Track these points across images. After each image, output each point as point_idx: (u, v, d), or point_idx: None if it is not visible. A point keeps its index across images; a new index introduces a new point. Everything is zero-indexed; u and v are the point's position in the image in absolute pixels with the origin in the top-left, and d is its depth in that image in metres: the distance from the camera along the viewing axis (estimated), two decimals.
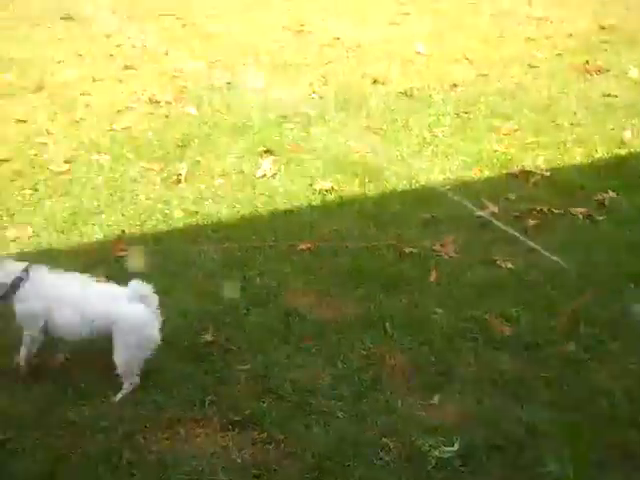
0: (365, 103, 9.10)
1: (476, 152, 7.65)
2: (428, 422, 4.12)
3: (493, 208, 6.42)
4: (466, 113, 8.76)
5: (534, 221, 6.23)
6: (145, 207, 6.52)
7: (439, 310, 5.05)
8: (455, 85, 9.72)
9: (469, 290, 5.29)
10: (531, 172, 7.17)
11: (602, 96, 9.23)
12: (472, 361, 4.58)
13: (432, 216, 6.32)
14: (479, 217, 6.32)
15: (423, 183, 7.01)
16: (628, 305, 4.99)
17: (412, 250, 5.78)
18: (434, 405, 4.26)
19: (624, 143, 7.74)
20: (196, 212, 6.45)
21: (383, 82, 9.93)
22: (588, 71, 10.18)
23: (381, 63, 10.81)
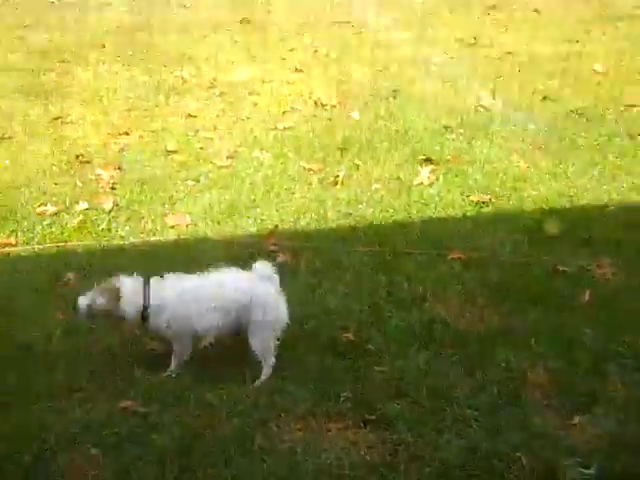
0: (532, 119, 8.91)
1: None
2: (566, 442, 3.95)
3: None
4: None
5: None
6: (300, 205, 6.63)
7: (589, 331, 4.84)
8: (631, 106, 9.36)
9: (624, 314, 5.04)
10: None
11: None
12: (619, 386, 4.36)
13: (590, 236, 6.09)
14: None
15: (585, 202, 6.77)
16: None
17: (565, 269, 5.58)
18: (574, 425, 4.08)
19: None
20: (350, 214, 6.50)
21: (554, 99, 9.69)
22: None
23: (554, 80, 10.57)
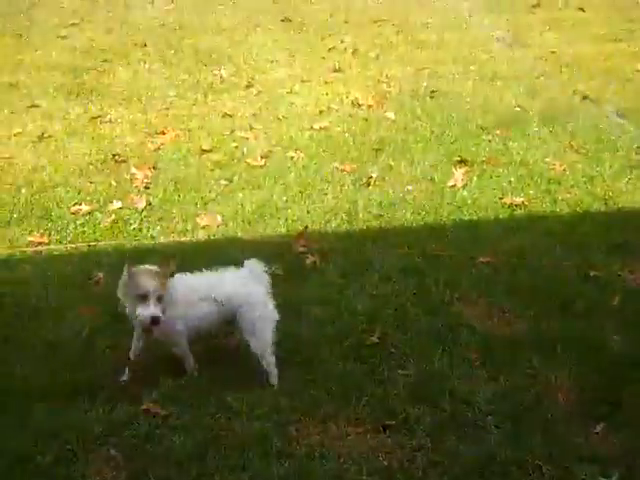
0: (571, 120, 8.80)
1: None
2: (587, 450, 3.92)
3: None
4: None
5: None
6: (331, 206, 6.64)
7: (616, 337, 4.79)
8: None
9: None
10: None
11: None
12: None
13: (625, 241, 6.01)
14: None
15: (621, 206, 6.68)
16: None
17: (597, 274, 5.52)
18: (596, 434, 4.05)
19: None
20: (381, 215, 6.49)
21: (594, 99, 9.56)
22: None
23: (596, 80, 10.42)
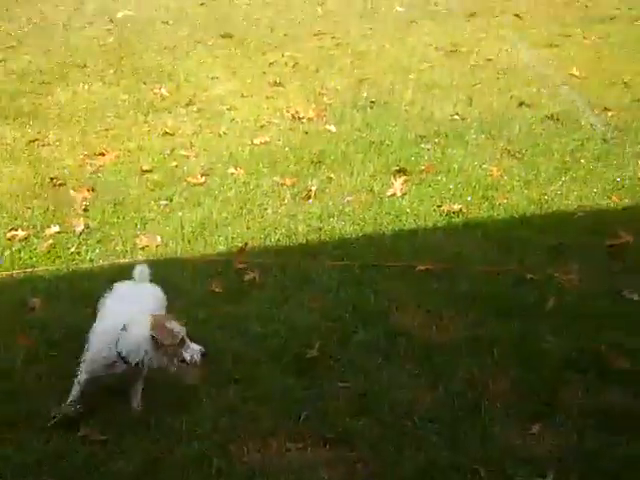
0: (508, 126, 8.93)
1: (618, 179, 7.34)
2: (524, 451, 3.98)
3: (627, 237, 6.13)
4: (614, 138, 8.43)
5: None
6: (271, 221, 6.65)
7: (552, 339, 4.87)
8: (607, 110, 9.38)
9: (588, 321, 5.06)
10: None
11: None
12: (580, 393, 4.38)
13: (559, 243, 6.12)
14: (610, 246, 6.05)
15: (555, 209, 6.80)
16: None
17: (532, 277, 5.61)
18: (533, 435, 4.11)
19: None
20: (320, 228, 6.52)
21: (530, 105, 9.71)
22: None
23: (532, 86, 10.58)
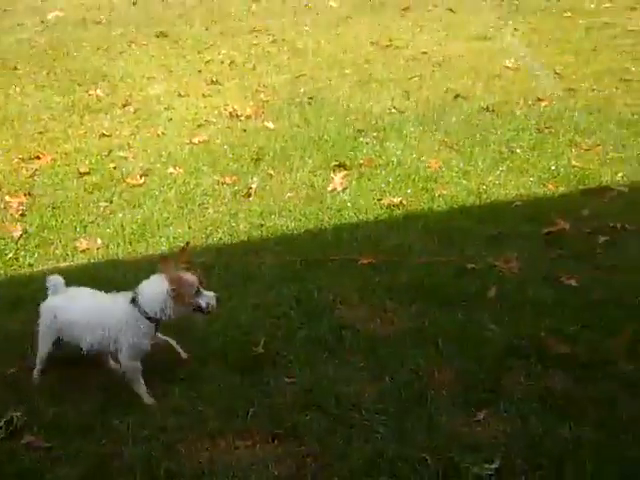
0: (445, 118, 9.03)
1: (553, 168, 7.47)
2: (470, 439, 4.02)
3: (564, 225, 6.24)
4: (548, 128, 8.57)
5: (605, 237, 6.03)
6: (213, 220, 6.63)
7: (494, 327, 4.93)
8: (540, 100, 9.54)
9: (528, 307, 5.14)
10: (608, 188, 6.97)
11: None
12: (522, 379, 4.45)
13: (498, 232, 6.21)
14: (548, 234, 6.15)
15: (494, 199, 6.89)
16: None
17: (473, 266, 5.68)
18: (479, 422, 4.16)
19: None
20: (262, 225, 6.51)
21: (466, 97, 9.83)
22: None
23: (466, 78, 10.71)
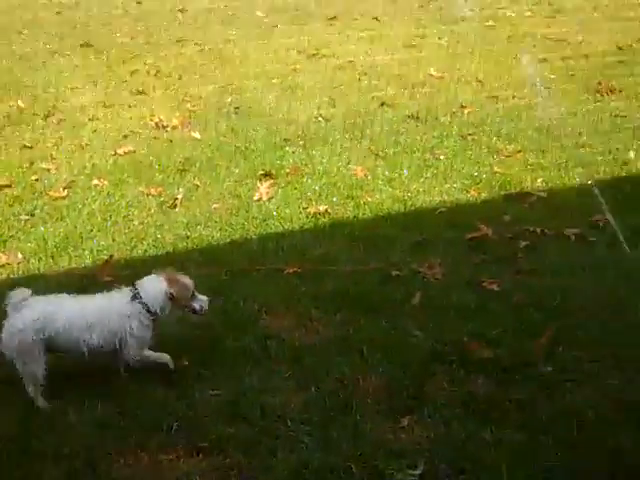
0: (370, 126, 9.10)
1: (476, 174, 7.60)
2: (395, 445, 4.05)
3: (487, 230, 6.35)
4: (470, 135, 8.72)
5: (525, 242, 6.15)
6: (137, 231, 6.56)
7: (418, 333, 4.98)
8: (463, 107, 9.71)
9: (452, 313, 5.21)
10: (529, 193, 7.11)
11: (610, 116, 9.14)
12: (446, 385, 4.50)
13: (423, 239, 6.28)
14: (471, 239, 6.25)
15: (418, 206, 6.96)
16: None
17: (398, 273, 5.73)
18: (403, 428, 4.19)
19: (626, 164, 7.64)
20: (187, 236, 6.47)
21: (391, 105, 9.93)
22: (600, 92, 10.10)
23: (392, 86, 10.82)
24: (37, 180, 7.68)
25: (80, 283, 5.65)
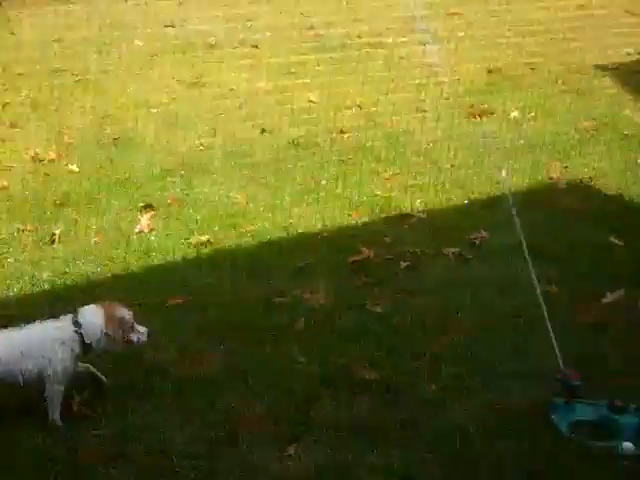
0: (251, 153, 9.11)
1: (357, 197, 7.70)
2: (280, 474, 4.06)
3: (368, 252, 6.45)
4: (351, 159, 8.84)
5: (406, 263, 6.28)
6: (13, 270, 6.35)
7: (303, 359, 5.01)
8: (343, 132, 9.82)
9: (336, 336, 5.28)
10: (409, 215, 7.26)
11: (483, 138, 9.43)
12: (331, 408, 4.54)
13: (306, 264, 6.32)
14: (353, 262, 6.33)
15: (301, 231, 7.01)
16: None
17: (282, 300, 5.75)
18: (290, 456, 4.20)
19: (499, 183, 7.89)
20: (66, 273, 6.31)
21: (272, 131, 9.97)
22: (473, 114, 10.40)
23: (272, 112, 10.84)
24: None
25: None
